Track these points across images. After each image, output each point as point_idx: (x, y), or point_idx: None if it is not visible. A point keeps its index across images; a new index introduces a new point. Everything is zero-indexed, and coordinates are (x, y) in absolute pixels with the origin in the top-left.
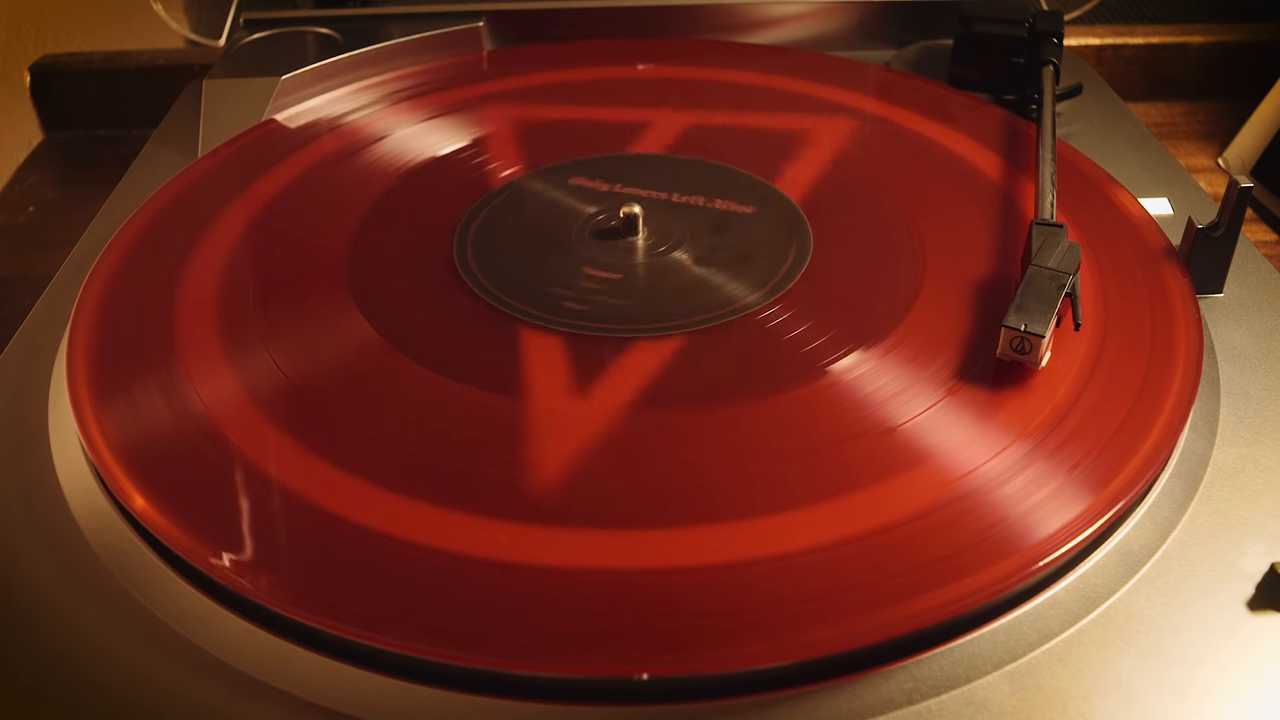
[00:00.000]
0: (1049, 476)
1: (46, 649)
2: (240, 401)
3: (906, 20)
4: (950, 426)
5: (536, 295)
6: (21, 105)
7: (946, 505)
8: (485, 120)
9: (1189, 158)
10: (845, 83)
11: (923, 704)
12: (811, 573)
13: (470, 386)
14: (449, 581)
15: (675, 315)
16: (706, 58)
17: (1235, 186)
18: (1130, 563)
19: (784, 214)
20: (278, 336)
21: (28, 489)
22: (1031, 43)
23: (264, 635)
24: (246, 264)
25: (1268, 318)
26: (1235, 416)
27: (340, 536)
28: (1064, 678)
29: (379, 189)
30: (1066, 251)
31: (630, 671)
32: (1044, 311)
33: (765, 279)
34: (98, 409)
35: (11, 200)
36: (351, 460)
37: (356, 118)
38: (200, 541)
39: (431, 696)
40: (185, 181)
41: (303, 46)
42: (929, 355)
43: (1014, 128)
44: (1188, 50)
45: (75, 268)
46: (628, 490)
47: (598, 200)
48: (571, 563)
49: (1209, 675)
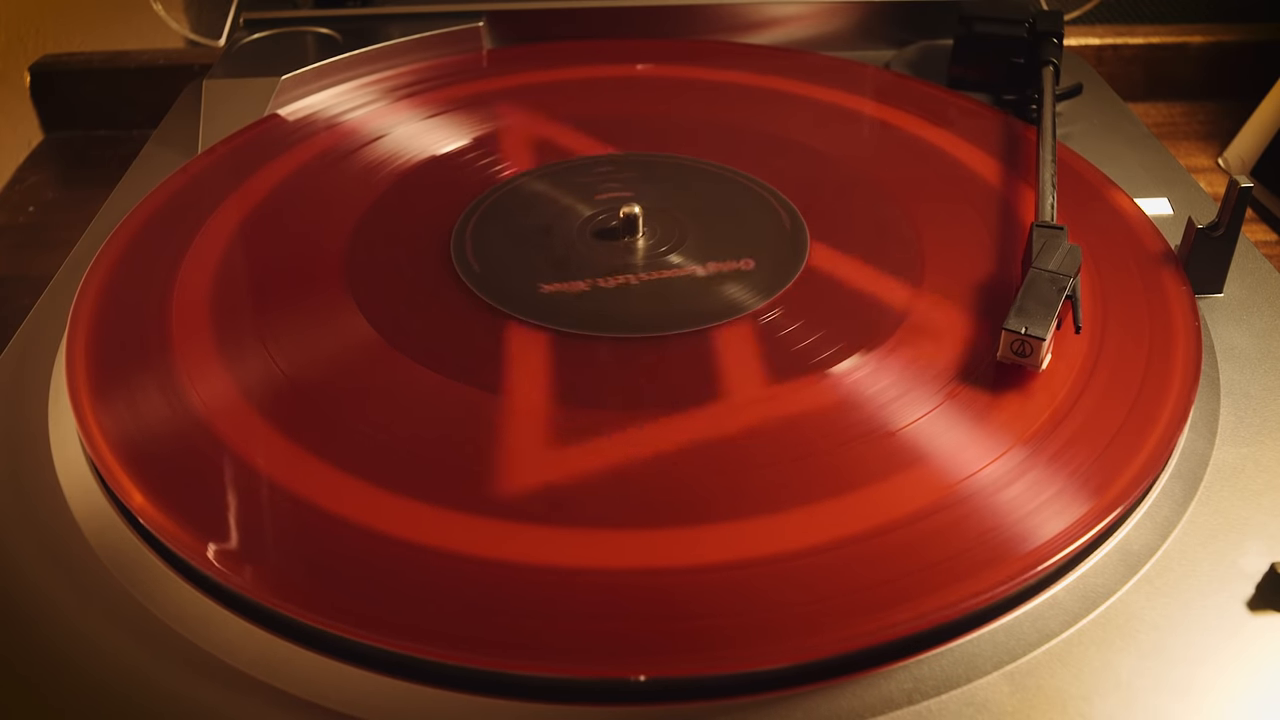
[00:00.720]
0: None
1: (46, 649)
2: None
3: (906, 20)
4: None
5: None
6: (21, 105)
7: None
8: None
9: (1189, 158)
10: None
11: (923, 704)
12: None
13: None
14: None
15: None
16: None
17: (1235, 186)
18: (1130, 563)
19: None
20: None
21: (28, 488)
22: (1031, 43)
23: (264, 635)
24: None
25: (1268, 318)
26: (1235, 416)
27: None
28: (1064, 678)
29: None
30: (1067, 254)
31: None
32: (1044, 314)
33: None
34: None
35: (11, 200)
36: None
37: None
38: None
39: (431, 696)
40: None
41: (303, 46)
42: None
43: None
44: (1188, 50)
45: (75, 268)
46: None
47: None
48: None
49: (1209, 675)
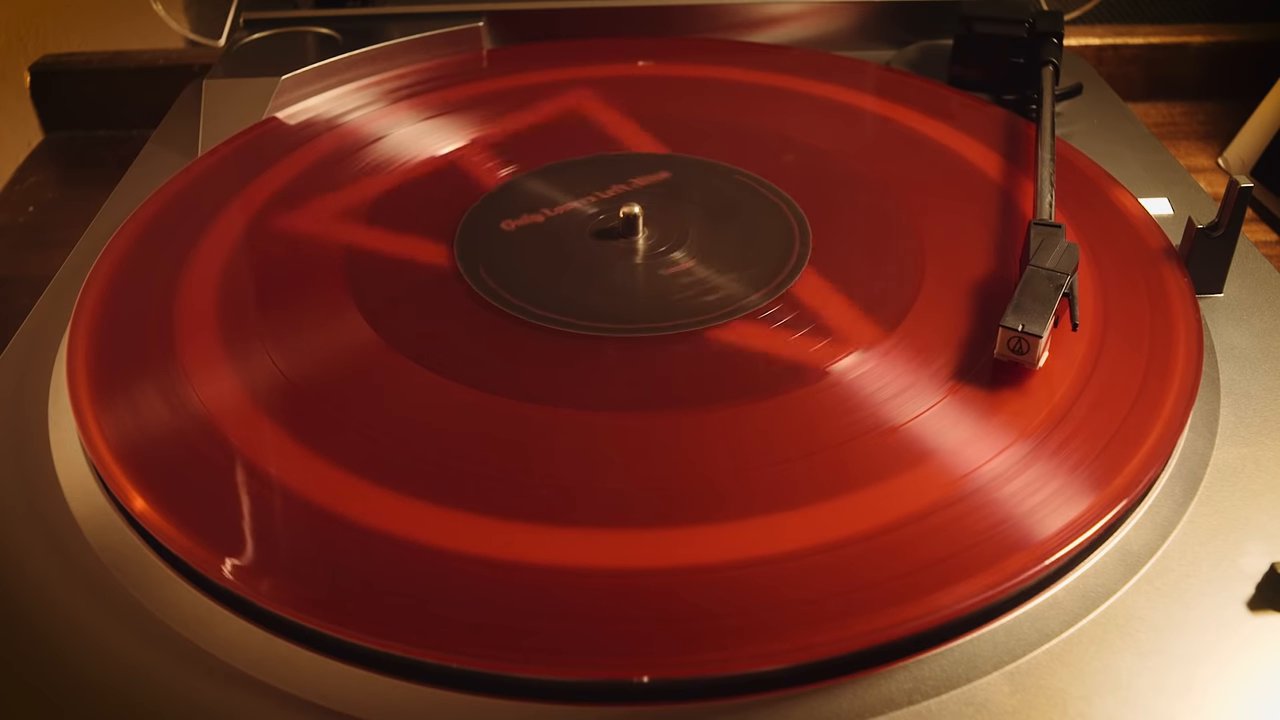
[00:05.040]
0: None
1: (46, 649)
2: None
3: (906, 20)
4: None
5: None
6: (21, 105)
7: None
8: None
9: (1189, 158)
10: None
11: (923, 704)
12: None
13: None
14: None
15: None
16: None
17: (1235, 186)
18: (1130, 563)
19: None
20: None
21: (28, 489)
22: (1031, 43)
23: (264, 635)
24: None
25: (1268, 318)
26: (1235, 416)
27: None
28: (1064, 678)
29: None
30: (1064, 252)
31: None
32: (1041, 312)
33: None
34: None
35: (11, 200)
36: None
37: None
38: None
39: (431, 696)
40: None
41: (303, 46)
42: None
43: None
44: (1188, 50)
45: (75, 268)
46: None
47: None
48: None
49: (1209, 675)
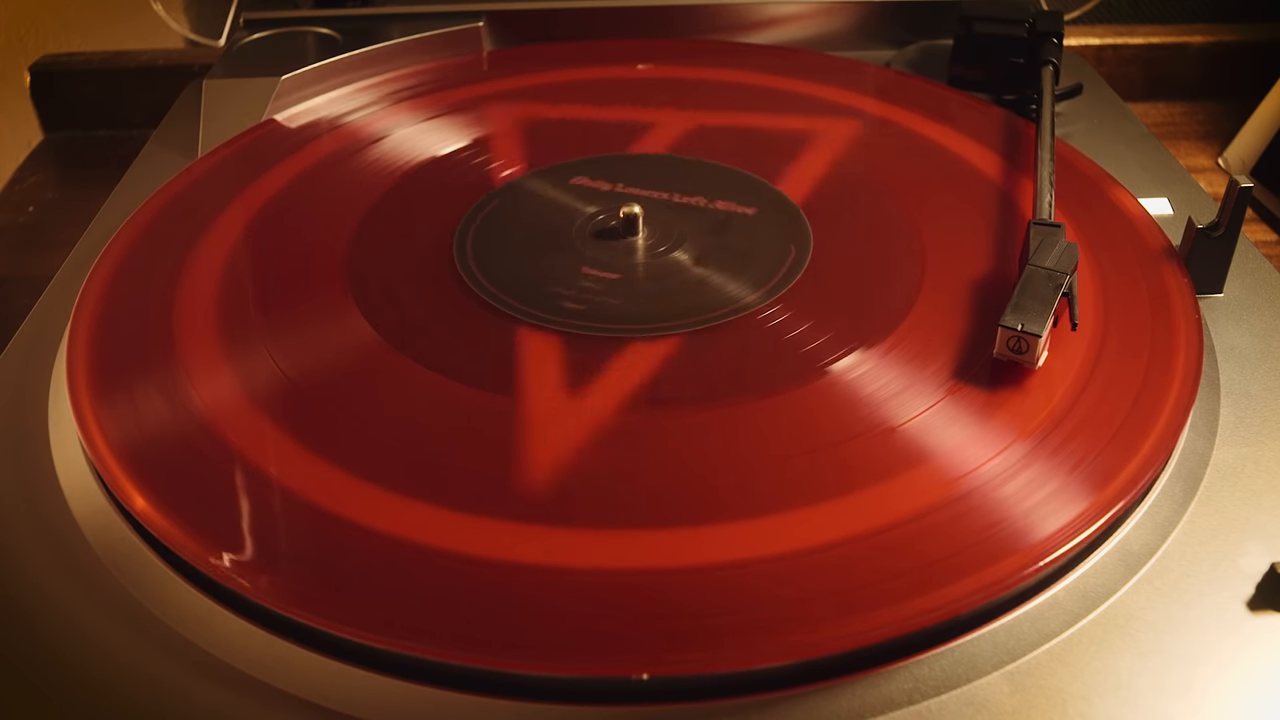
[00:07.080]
0: (1049, 476)
1: (46, 649)
2: (240, 401)
3: (906, 20)
4: (950, 426)
5: (536, 295)
6: (21, 105)
7: (946, 505)
8: (485, 120)
9: (1189, 158)
10: (845, 83)
11: (923, 704)
12: (811, 573)
13: (470, 387)
14: (449, 581)
15: (675, 315)
16: (706, 58)
17: (1235, 186)
18: (1130, 563)
19: (784, 214)
20: (278, 336)
21: (28, 489)
22: (1031, 43)
23: (264, 635)
24: (246, 264)
25: (1268, 318)
26: (1235, 416)
27: (340, 536)
28: (1064, 678)
29: (379, 189)
30: (1064, 251)
31: (630, 672)
32: (1040, 311)
33: (765, 279)
34: (98, 409)
35: (11, 200)
36: (351, 460)
37: (356, 118)
38: (200, 542)
39: (431, 696)
40: (185, 181)
41: (303, 46)
42: (929, 355)
43: (1014, 127)
44: (1188, 50)
45: (75, 268)
46: (628, 490)
47: (598, 200)
48: (571, 563)
49: (1209, 675)
